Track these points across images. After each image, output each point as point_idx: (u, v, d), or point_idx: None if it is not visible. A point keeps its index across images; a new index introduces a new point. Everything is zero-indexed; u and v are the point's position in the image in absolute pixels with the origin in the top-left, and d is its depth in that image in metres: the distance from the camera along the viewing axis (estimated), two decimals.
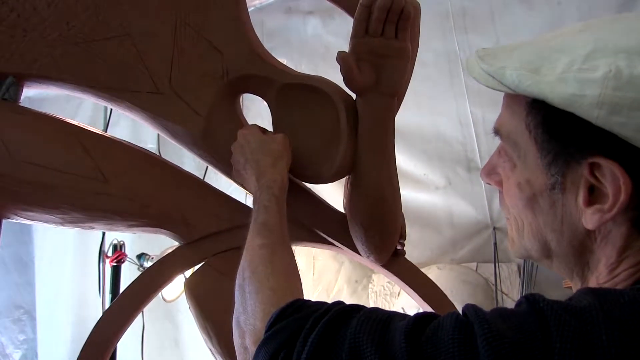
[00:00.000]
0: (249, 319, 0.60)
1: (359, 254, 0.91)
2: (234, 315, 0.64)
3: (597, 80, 0.41)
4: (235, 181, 0.88)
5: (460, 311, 0.43)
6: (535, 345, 0.37)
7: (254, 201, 0.77)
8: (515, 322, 0.39)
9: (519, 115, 0.49)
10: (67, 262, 2.48)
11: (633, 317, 0.37)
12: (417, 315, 0.44)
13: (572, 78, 0.42)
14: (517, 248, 0.54)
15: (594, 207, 0.44)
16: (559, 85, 0.43)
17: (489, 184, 0.58)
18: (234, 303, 0.66)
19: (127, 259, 1.52)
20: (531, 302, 0.40)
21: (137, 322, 1.06)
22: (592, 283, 0.48)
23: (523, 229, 0.52)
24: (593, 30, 0.45)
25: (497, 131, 0.53)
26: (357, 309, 0.49)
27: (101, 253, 1.54)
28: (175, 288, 1.52)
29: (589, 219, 0.44)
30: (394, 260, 0.92)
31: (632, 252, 0.44)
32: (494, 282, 1.77)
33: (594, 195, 0.44)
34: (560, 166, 0.45)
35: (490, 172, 0.56)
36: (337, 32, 2.06)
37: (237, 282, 0.67)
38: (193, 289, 0.90)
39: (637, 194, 0.42)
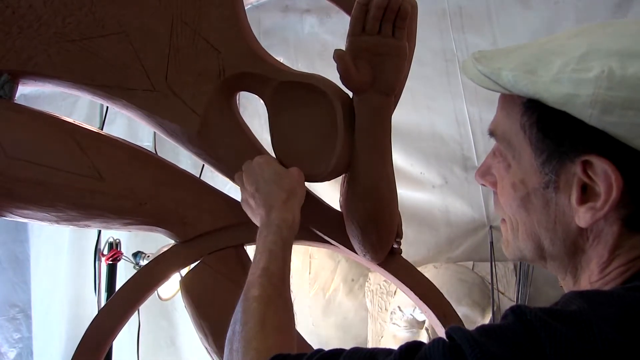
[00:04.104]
0: None
1: (356, 253, 0.91)
2: None
3: (591, 80, 0.42)
4: (239, 187, 0.87)
5: (448, 333, 0.43)
6: (528, 359, 0.37)
7: (260, 236, 0.74)
8: (504, 338, 0.39)
9: (514, 116, 0.49)
10: (62, 260, 2.47)
11: (625, 317, 0.38)
12: (402, 348, 0.44)
13: (566, 78, 0.43)
14: (512, 249, 0.55)
15: (586, 206, 0.44)
16: (553, 85, 0.44)
17: (484, 185, 0.58)
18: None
19: (123, 257, 1.51)
20: (517, 314, 0.40)
21: (133, 320, 1.06)
22: (584, 282, 0.48)
23: (517, 229, 0.52)
24: (587, 34, 0.46)
25: (492, 132, 0.54)
26: (337, 353, 0.48)
27: (97, 251, 1.54)
28: (172, 286, 1.51)
29: (582, 217, 0.45)
30: (390, 259, 0.92)
31: (623, 251, 0.45)
32: (490, 280, 1.77)
33: (586, 194, 0.45)
34: (554, 165, 0.46)
35: (485, 173, 0.57)
36: (334, 30, 2.06)
37: (227, 334, 0.65)
38: (189, 288, 0.90)
39: (628, 192, 0.42)
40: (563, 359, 0.36)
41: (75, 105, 2.39)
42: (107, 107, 1.33)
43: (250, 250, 0.83)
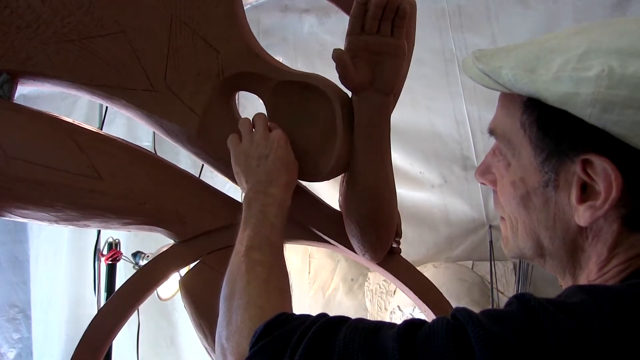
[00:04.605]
0: (232, 336, 0.58)
1: (355, 252, 0.91)
2: (216, 331, 0.62)
3: (591, 79, 0.42)
4: (232, 174, 0.86)
5: (453, 313, 0.43)
6: (531, 345, 0.37)
7: (255, 200, 0.74)
8: (508, 322, 0.39)
9: (514, 114, 0.49)
10: (62, 260, 2.47)
11: (625, 312, 0.38)
12: (407, 322, 0.44)
13: (566, 77, 0.43)
14: (511, 248, 0.55)
15: (586, 204, 0.45)
16: (554, 83, 0.44)
17: (483, 184, 0.58)
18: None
19: (123, 257, 1.51)
20: (521, 301, 0.40)
21: (132, 320, 1.06)
22: (583, 281, 0.49)
23: (517, 228, 0.53)
24: (587, 33, 0.46)
25: (492, 131, 0.54)
26: (343, 320, 0.48)
27: (96, 251, 1.54)
28: (171, 286, 1.51)
29: (582, 215, 0.45)
30: (389, 259, 0.92)
31: (622, 250, 0.45)
32: (489, 280, 1.77)
33: (586, 193, 0.45)
34: (554, 163, 0.46)
35: (484, 171, 0.57)
36: (333, 30, 2.06)
37: (223, 292, 0.65)
38: (188, 287, 0.89)
39: (628, 191, 0.42)
40: (564, 347, 0.36)
41: (74, 105, 2.39)
42: (107, 107, 1.33)
43: None
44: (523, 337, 0.37)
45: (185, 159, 1.93)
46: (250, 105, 1.82)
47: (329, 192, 1.63)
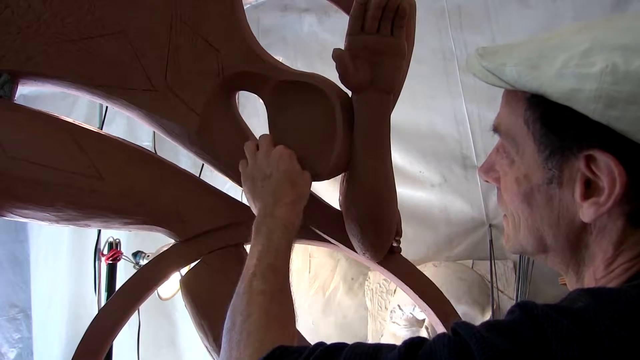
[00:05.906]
0: None
1: (355, 252, 0.91)
2: None
3: (595, 75, 0.42)
4: (241, 183, 0.86)
5: (453, 328, 0.42)
6: (536, 355, 0.36)
7: (262, 226, 0.74)
8: (511, 334, 0.38)
9: (517, 111, 0.49)
10: (62, 260, 2.47)
11: (632, 315, 0.38)
12: (406, 342, 0.43)
13: (570, 73, 0.43)
14: (513, 244, 0.55)
15: (590, 201, 0.44)
16: (557, 80, 0.44)
17: (487, 181, 0.58)
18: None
19: (123, 257, 1.51)
20: (525, 310, 0.40)
21: (133, 320, 1.06)
22: (589, 278, 0.48)
23: (520, 225, 0.52)
24: (590, 30, 0.46)
25: (495, 128, 0.54)
26: (340, 347, 0.48)
27: (97, 251, 1.54)
28: (172, 286, 1.51)
29: (585, 212, 0.45)
30: (389, 258, 0.92)
31: (628, 247, 0.45)
32: (489, 279, 1.77)
33: (590, 189, 0.45)
34: (558, 160, 0.46)
35: (488, 169, 0.57)
36: (333, 29, 2.06)
37: (226, 324, 0.64)
38: (189, 287, 0.90)
39: (632, 187, 0.42)
40: (569, 355, 0.36)
41: (74, 105, 2.39)
42: (107, 107, 1.33)
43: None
44: (527, 348, 0.37)
45: (185, 159, 1.93)
46: (250, 105, 1.83)
47: (329, 191, 1.63)
